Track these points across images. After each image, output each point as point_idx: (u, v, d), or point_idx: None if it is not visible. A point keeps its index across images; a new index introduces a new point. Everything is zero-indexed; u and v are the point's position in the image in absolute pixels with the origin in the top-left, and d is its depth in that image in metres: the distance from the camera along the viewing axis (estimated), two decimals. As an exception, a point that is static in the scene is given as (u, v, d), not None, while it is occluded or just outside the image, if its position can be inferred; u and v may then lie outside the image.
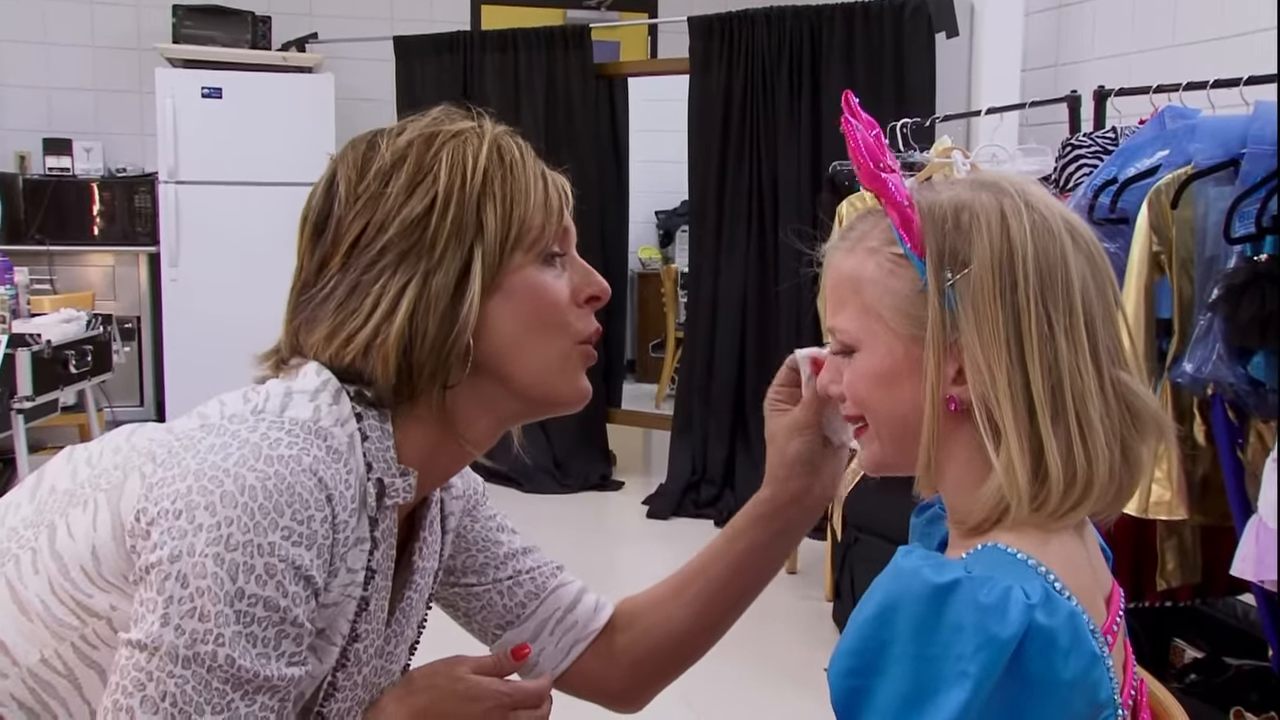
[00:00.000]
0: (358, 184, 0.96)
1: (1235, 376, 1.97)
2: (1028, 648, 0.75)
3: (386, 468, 0.93)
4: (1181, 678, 2.51)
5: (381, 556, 0.95)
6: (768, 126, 4.71)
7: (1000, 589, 0.76)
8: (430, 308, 0.92)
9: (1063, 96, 3.33)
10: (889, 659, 0.77)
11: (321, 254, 0.96)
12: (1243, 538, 1.99)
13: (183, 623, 0.80)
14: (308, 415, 0.89)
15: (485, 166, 0.95)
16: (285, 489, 0.83)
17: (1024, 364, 0.83)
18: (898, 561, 0.80)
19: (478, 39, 5.35)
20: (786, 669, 3.13)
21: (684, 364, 5.20)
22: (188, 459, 0.85)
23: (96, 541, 0.87)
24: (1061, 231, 0.86)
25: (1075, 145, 2.73)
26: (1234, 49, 3.28)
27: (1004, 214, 0.86)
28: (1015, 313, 0.84)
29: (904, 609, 0.78)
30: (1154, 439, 0.88)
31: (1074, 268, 0.85)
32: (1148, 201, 2.15)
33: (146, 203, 5.42)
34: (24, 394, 3.57)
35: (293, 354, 0.97)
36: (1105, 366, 0.85)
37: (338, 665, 0.95)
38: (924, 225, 0.87)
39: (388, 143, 0.97)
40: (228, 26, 5.43)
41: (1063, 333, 0.84)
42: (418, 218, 0.93)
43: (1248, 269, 1.96)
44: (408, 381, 0.93)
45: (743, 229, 4.78)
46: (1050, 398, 0.83)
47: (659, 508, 4.75)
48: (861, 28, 4.52)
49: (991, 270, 0.84)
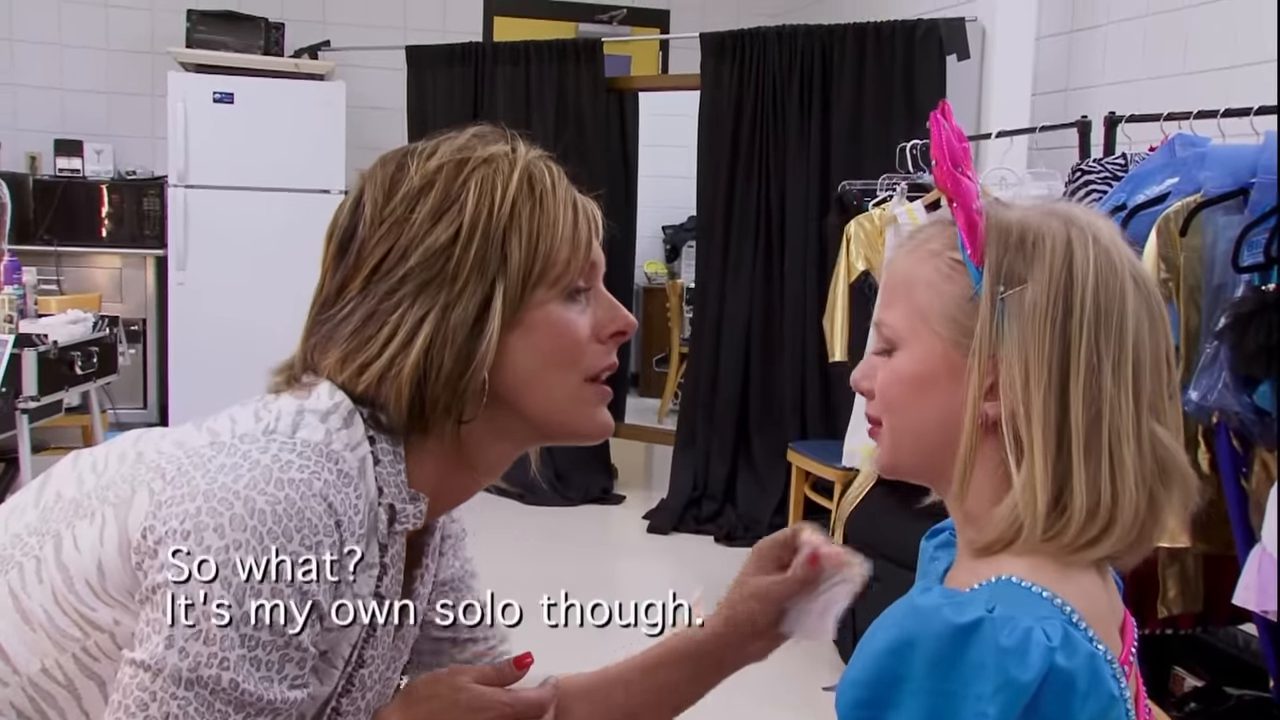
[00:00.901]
0: (384, 206, 0.94)
1: (1241, 405, 1.96)
2: (1046, 691, 0.75)
3: (397, 492, 0.93)
4: (1181, 706, 2.50)
5: (390, 581, 0.94)
6: (777, 144, 4.72)
7: (1021, 630, 0.76)
8: (447, 342, 0.91)
9: (1073, 122, 3.33)
10: (904, 694, 0.77)
11: (343, 275, 0.95)
12: (1245, 567, 1.98)
13: (187, 645, 0.80)
14: (319, 438, 0.89)
15: (514, 198, 0.94)
16: (295, 514, 0.83)
17: (1064, 391, 0.83)
18: (915, 600, 0.80)
19: (490, 50, 5.37)
20: (782, 688, 3.11)
21: (688, 379, 5.20)
22: (197, 478, 0.84)
23: (103, 556, 0.87)
24: (1125, 271, 0.86)
25: (1085, 171, 2.74)
26: (1245, 78, 3.29)
27: (1070, 241, 0.86)
28: (1065, 339, 0.83)
29: (922, 646, 0.77)
30: (1179, 496, 0.87)
31: (1131, 308, 0.85)
32: (1156, 229, 2.15)
33: (155, 206, 5.44)
34: (29, 394, 3.57)
35: (306, 371, 0.96)
36: (1144, 413, 0.85)
37: (343, 690, 0.94)
38: (989, 235, 0.87)
39: (418, 165, 0.95)
40: (241, 32, 5.45)
41: (1111, 368, 0.84)
42: (441, 248, 0.92)
43: (1255, 298, 1.96)
44: (420, 414, 0.92)
45: (750, 246, 4.78)
46: (1086, 429, 0.83)
47: (660, 522, 4.74)
48: (873, 48, 4.53)
49: (1048, 293, 0.84)
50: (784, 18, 4.94)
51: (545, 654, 1.22)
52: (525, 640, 1.16)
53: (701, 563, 4.33)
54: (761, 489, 4.74)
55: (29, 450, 3.67)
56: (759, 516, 4.64)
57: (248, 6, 5.55)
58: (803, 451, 3.94)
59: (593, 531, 4.80)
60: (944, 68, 4.42)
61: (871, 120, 4.50)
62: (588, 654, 1.26)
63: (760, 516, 4.64)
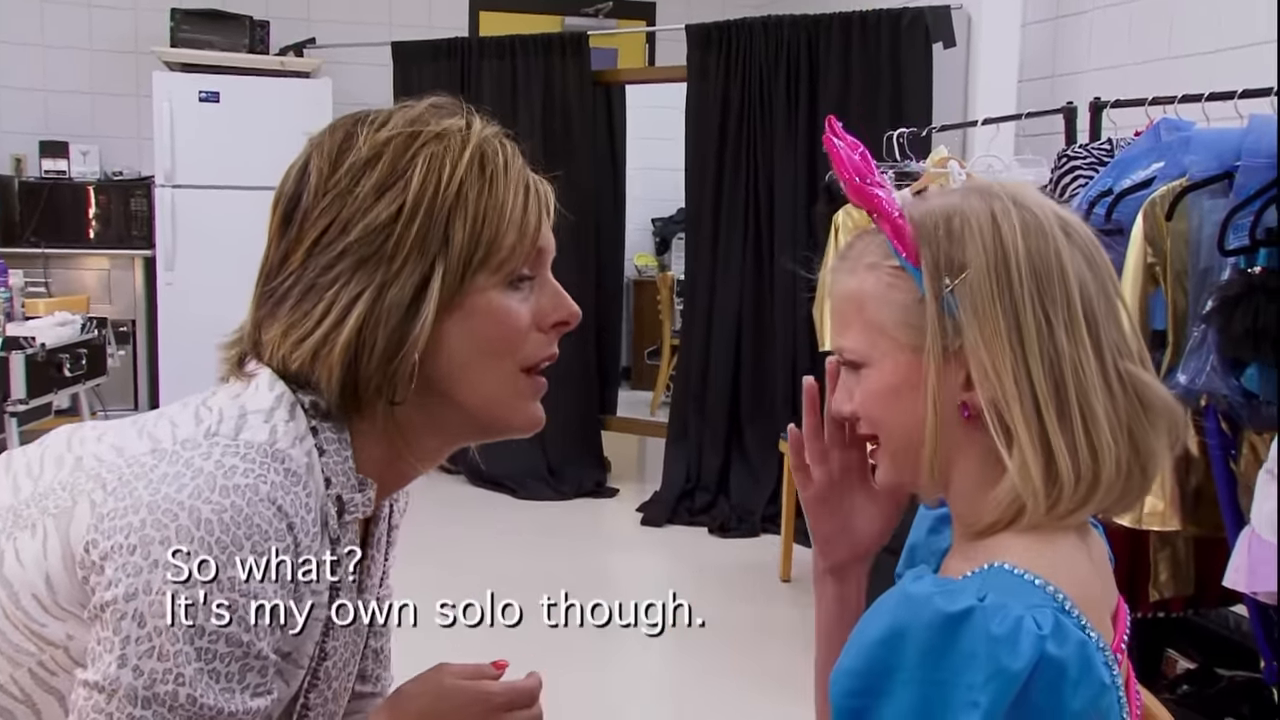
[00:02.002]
0: (329, 176, 0.91)
1: (1229, 388, 1.97)
2: (1037, 679, 0.75)
3: (345, 480, 0.90)
4: (1174, 688, 2.51)
5: (344, 573, 0.92)
6: (765, 135, 4.72)
7: (1012, 619, 0.76)
8: (381, 321, 0.88)
9: (1059, 108, 3.34)
10: (896, 683, 0.77)
11: (286, 245, 0.92)
12: (1235, 549, 1.99)
13: (140, 663, 0.78)
14: (264, 438, 0.86)
15: (462, 177, 0.90)
16: (243, 520, 0.80)
17: (1026, 362, 0.83)
18: (906, 588, 0.80)
19: (476, 45, 5.35)
20: (782, 678, 3.12)
21: (679, 371, 5.20)
22: (140, 489, 0.82)
23: (49, 570, 0.84)
24: (1054, 229, 0.87)
25: (1071, 156, 2.74)
26: (1229, 62, 3.29)
27: (994, 216, 0.86)
28: (1014, 312, 0.84)
29: (913, 635, 0.77)
30: (1166, 429, 0.87)
31: (1069, 264, 0.86)
32: (1142, 213, 2.16)
33: (142, 206, 5.42)
34: (17, 397, 3.56)
35: (254, 346, 0.93)
36: (1110, 359, 0.85)
37: (309, 686, 0.93)
38: (917, 235, 0.87)
39: (367, 134, 0.92)
40: (226, 31, 5.43)
41: (1062, 328, 0.84)
42: (382, 225, 0.89)
43: (1242, 281, 1.96)
44: (353, 394, 0.90)
45: (739, 237, 4.78)
46: (1054, 393, 0.83)
47: (653, 515, 4.74)
48: (859, 37, 4.53)
49: (986, 273, 0.84)
50: (769, 8, 4.94)
51: (544, 653, 1.22)
52: (524, 639, 1.15)
53: (695, 555, 4.33)
54: (754, 480, 4.74)
55: (19, 453, 3.65)
56: (752, 508, 4.65)
57: (232, 5, 5.53)
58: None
59: (586, 525, 4.80)
60: (930, 56, 4.42)
61: (858, 109, 4.50)
62: (588, 651, 1.27)
63: (754, 507, 4.64)
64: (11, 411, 3.56)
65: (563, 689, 2.94)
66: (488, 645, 1.20)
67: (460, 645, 1.21)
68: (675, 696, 3.11)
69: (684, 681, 3.17)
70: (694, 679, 3.16)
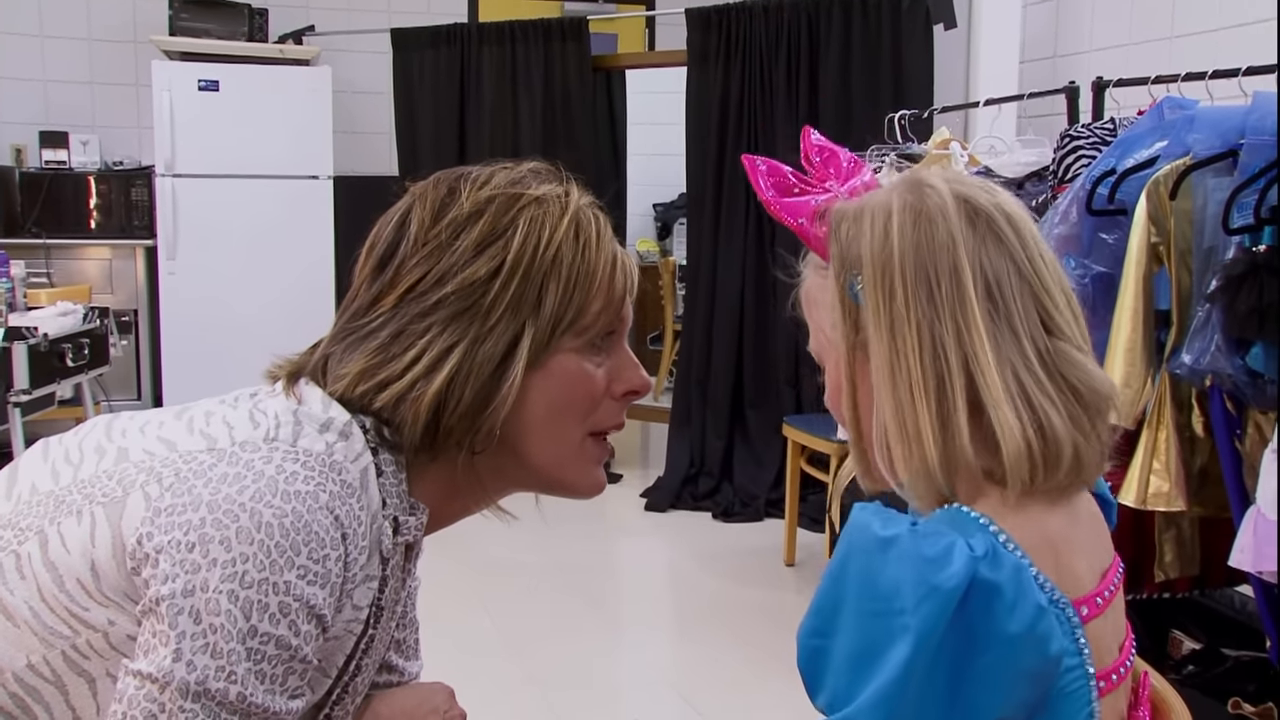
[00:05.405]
0: (430, 228, 0.94)
1: (1233, 368, 1.96)
2: (971, 601, 0.75)
3: (399, 504, 0.93)
4: (1179, 669, 2.51)
5: (390, 593, 0.94)
6: (765, 119, 4.70)
7: (944, 543, 0.77)
8: (471, 375, 0.91)
9: (1061, 88, 3.32)
10: (842, 618, 0.79)
11: (379, 288, 0.95)
12: (1241, 529, 1.99)
13: (195, 658, 0.80)
14: (320, 448, 0.88)
15: (560, 243, 0.94)
16: (302, 527, 0.82)
17: (905, 352, 0.84)
18: (853, 514, 0.81)
19: (475, 31, 5.33)
20: (787, 662, 3.13)
21: (682, 357, 5.19)
22: (199, 488, 0.84)
23: (95, 557, 0.86)
24: (952, 215, 0.86)
25: (1073, 136, 2.73)
26: (1232, 40, 3.28)
27: (890, 210, 0.86)
28: (892, 302, 0.84)
29: (853, 562, 0.79)
30: (1094, 403, 0.86)
31: (965, 249, 0.85)
32: (1146, 192, 2.15)
33: (143, 196, 5.41)
34: (20, 387, 3.57)
35: (316, 372, 0.95)
36: (1026, 340, 0.84)
37: (336, 698, 0.95)
38: (829, 234, 0.89)
39: (469, 191, 0.95)
40: (224, 19, 5.41)
41: (949, 314, 0.83)
42: (480, 280, 0.92)
43: (1246, 260, 1.96)
44: (432, 441, 0.92)
45: (740, 221, 4.77)
46: (936, 380, 0.83)
47: (657, 500, 4.75)
48: (859, 20, 4.52)
49: (872, 265, 0.85)
50: (770, -9, 4.91)
51: (550, 636, 1.23)
52: (531, 622, 1.17)
53: (699, 540, 4.34)
54: (758, 464, 4.75)
55: (23, 444, 3.66)
56: (756, 492, 4.65)
57: (230, -8, 5.50)
58: (798, 425, 3.94)
59: (590, 510, 4.81)
60: (931, 37, 4.41)
61: (859, 92, 4.48)
62: (593, 635, 1.27)
63: (757, 492, 4.65)
64: (15, 402, 3.56)
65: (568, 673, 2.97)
66: (493, 633, 1.21)
67: (462, 640, 1.22)
68: (680, 681, 3.11)
69: (689, 666, 3.18)
70: (699, 663, 3.17)
